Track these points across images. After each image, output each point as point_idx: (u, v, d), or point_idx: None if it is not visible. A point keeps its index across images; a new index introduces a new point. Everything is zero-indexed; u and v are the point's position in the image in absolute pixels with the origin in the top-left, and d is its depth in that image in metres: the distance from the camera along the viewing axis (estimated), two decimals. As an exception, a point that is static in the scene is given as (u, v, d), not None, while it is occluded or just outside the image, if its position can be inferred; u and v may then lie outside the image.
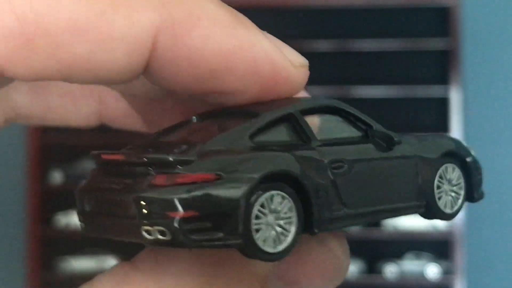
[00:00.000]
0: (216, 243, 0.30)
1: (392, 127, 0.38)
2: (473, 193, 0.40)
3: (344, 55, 3.10)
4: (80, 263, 3.23)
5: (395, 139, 0.37)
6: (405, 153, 0.38)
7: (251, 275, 0.32)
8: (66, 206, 3.30)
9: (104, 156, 0.32)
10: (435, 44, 3.17)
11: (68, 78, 0.30)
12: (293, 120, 0.35)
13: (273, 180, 0.32)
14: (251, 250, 0.30)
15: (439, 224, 3.11)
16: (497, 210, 3.21)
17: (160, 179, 0.30)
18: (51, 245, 3.32)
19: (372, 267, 3.16)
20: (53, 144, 3.32)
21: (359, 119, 0.38)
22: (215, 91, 0.32)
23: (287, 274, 0.33)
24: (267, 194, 0.31)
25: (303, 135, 0.35)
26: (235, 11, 0.32)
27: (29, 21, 0.28)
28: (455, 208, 0.39)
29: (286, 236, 0.31)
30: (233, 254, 0.32)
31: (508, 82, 3.25)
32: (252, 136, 0.33)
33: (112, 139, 3.30)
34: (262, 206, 0.31)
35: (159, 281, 0.31)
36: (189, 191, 0.29)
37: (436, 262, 3.12)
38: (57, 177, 3.29)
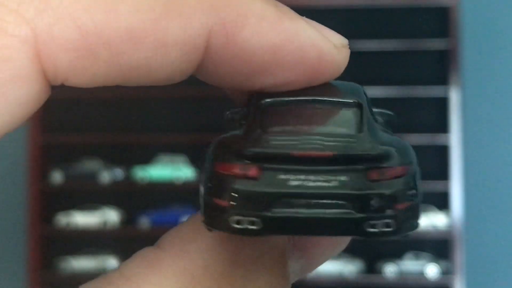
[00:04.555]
0: (416, 227, 0.33)
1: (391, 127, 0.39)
2: None
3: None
4: (80, 263, 3.24)
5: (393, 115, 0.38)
6: None
7: (272, 247, 0.33)
8: (66, 206, 3.31)
9: (302, 153, 0.32)
10: (434, 44, 3.17)
11: (126, 83, 0.31)
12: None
13: None
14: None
15: (439, 223, 3.12)
16: (497, 210, 3.22)
17: (374, 174, 0.32)
18: (51, 245, 3.33)
19: (372, 267, 3.17)
20: (53, 144, 3.32)
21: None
22: (265, 85, 0.33)
23: (301, 245, 0.34)
24: None
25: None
26: (278, 3, 0.33)
27: (91, 33, 0.29)
28: None
29: None
30: None
31: (507, 83, 3.26)
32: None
33: (113, 139, 3.31)
34: None
35: (188, 260, 0.32)
36: (404, 183, 0.32)
37: (436, 262, 3.13)
38: (57, 177, 3.30)
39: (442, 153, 3.14)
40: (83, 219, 3.27)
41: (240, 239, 0.33)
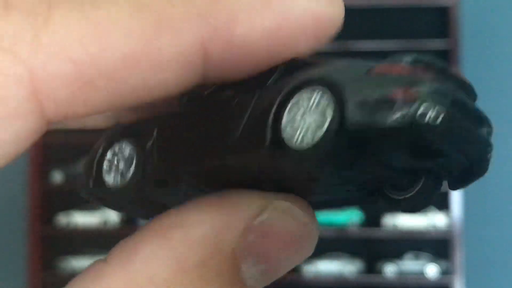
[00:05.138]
0: None
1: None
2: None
3: (344, 56, 3.10)
4: (81, 263, 3.24)
5: None
6: None
7: (220, 252, 0.33)
8: (66, 206, 3.31)
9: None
10: (434, 44, 3.18)
11: (126, 105, 0.31)
12: None
13: None
14: None
15: (439, 223, 3.12)
16: (496, 210, 3.22)
17: None
18: (52, 245, 3.33)
19: (372, 266, 3.17)
20: (54, 144, 3.33)
21: None
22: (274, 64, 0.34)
23: (255, 249, 0.33)
24: None
25: None
26: None
27: (87, 65, 0.29)
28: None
29: None
30: (204, 232, 0.32)
31: (507, 82, 3.26)
32: None
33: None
34: None
35: (132, 271, 0.32)
36: None
37: (436, 261, 3.13)
38: (58, 177, 3.30)
39: (442, 153, 3.15)
40: (83, 219, 3.27)
41: (186, 244, 0.32)
